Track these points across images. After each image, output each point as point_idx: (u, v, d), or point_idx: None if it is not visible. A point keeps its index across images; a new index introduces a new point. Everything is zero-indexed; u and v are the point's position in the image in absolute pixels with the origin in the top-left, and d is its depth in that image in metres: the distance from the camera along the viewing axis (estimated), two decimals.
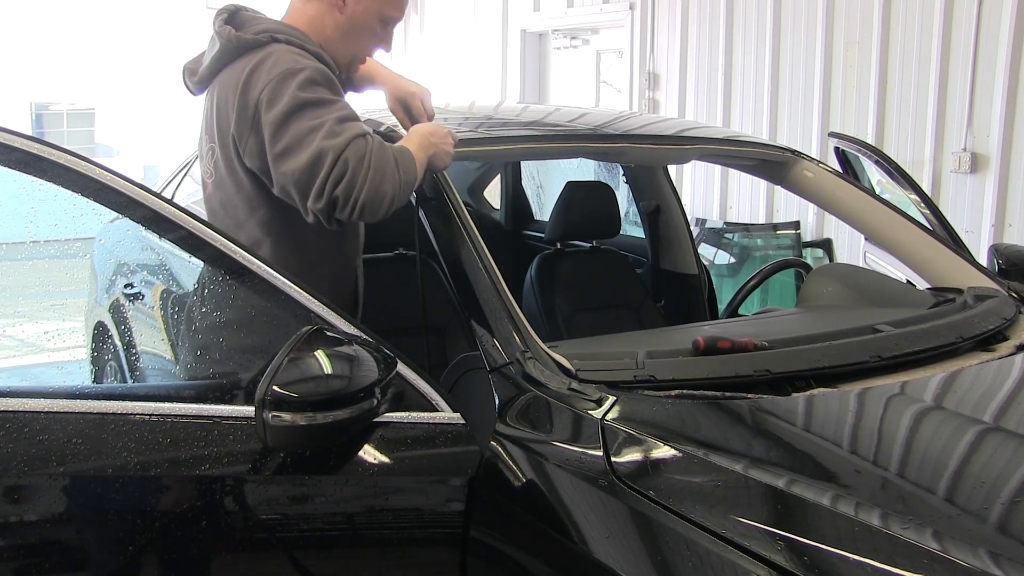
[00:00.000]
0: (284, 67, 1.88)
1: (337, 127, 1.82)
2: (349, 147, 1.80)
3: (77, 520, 1.59)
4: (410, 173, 1.90)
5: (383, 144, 1.88)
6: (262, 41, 1.95)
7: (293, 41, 1.97)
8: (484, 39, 8.24)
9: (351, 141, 1.81)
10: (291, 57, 1.91)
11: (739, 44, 5.93)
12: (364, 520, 1.66)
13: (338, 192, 1.80)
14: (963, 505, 1.42)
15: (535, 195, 4.83)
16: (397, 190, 1.85)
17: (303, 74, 1.87)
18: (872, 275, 2.68)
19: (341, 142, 1.80)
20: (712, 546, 1.30)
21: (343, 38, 2.07)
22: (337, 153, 1.79)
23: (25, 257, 2.32)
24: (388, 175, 1.83)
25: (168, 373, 2.59)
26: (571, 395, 1.69)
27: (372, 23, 2.08)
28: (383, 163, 1.83)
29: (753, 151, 2.76)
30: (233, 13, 2.04)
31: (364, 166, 1.80)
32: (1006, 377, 1.94)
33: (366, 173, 1.80)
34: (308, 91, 1.86)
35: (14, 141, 1.57)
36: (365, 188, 1.80)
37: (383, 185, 1.82)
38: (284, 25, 2.03)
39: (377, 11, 2.07)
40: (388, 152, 1.86)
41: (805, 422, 1.71)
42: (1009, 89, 4.51)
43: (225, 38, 1.96)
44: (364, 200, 1.80)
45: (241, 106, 1.89)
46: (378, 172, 1.82)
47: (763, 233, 5.73)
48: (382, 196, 1.82)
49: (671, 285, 3.51)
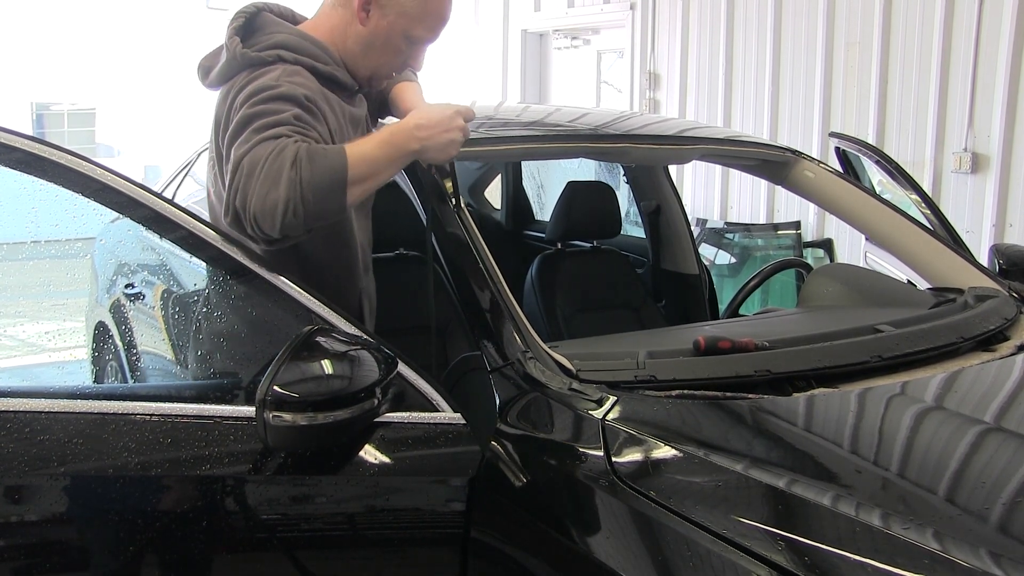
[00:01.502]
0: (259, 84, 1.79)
1: (254, 135, 1.69)
2: (249, 153, 1.66)
3: (78, 520, 1.59)
4: (326, 171, 1.67)
5: (291, 145, 1.67)
6: (267, 61, 1.85)
7: (303, 61, 1.87)
8: (485, 39, 8.24)
9: (255, 146, 1.67)
10: (276, 75, 1.81)
11: (740, 44, 5.93)
12: (365, 520, 1.66)
13: (236, 204, 1.66)
14: (964, 505, 1.42)
15: (536, 195, 4.83)
16: (293, 194, 1.63)
17: (268, 92, 1.76)
18: (873, 275, 2.68)
19: (245, 149, 1.67)
20: (713, 546, 1.30)
21: (363, 52, 1.96)
22: (237, 162, 1.67)
23: (26, 257, 2.33)
24: (282, 176, 1.63)
25: (169, 373, 2.59)
26: (572, 395, 1.69)
27: (396, 40, 1.95)
28: (278, 166, 1.64)
29: (754, 151, 2.76)
30: (252, 16, 1.94)
31: (256, 172, 1.64)
32: (1007, 377, 1.94)
33: (256, 179, 1.64)
34: (258, 105, 1.74)
35: (15, 141, 1.58)
36: (255, 196, 1.64)
37: (275, 189, 1.63)
38: (300, 38, 1.92)
39: (403, 29, 1.94)
40: (289, 152, 1.65)
41: (806, 422, 1.71)
42: (1010, 89, 4.51)
43: (231, 53, 1.87)
44: (255, 209, 1.64)
45: (226, 124, 1.82)
46: (269, 177, 1.63)
47: (764, 233, 5.73)
48: (273, 203, 1.63)
49: (672, 285, 3.51)
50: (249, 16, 1.94)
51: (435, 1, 1.96)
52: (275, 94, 1.77)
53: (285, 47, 1.88)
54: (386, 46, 1.96)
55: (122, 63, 12.73)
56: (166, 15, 12.15)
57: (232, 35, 1.89)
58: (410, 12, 1.93)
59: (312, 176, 1.65)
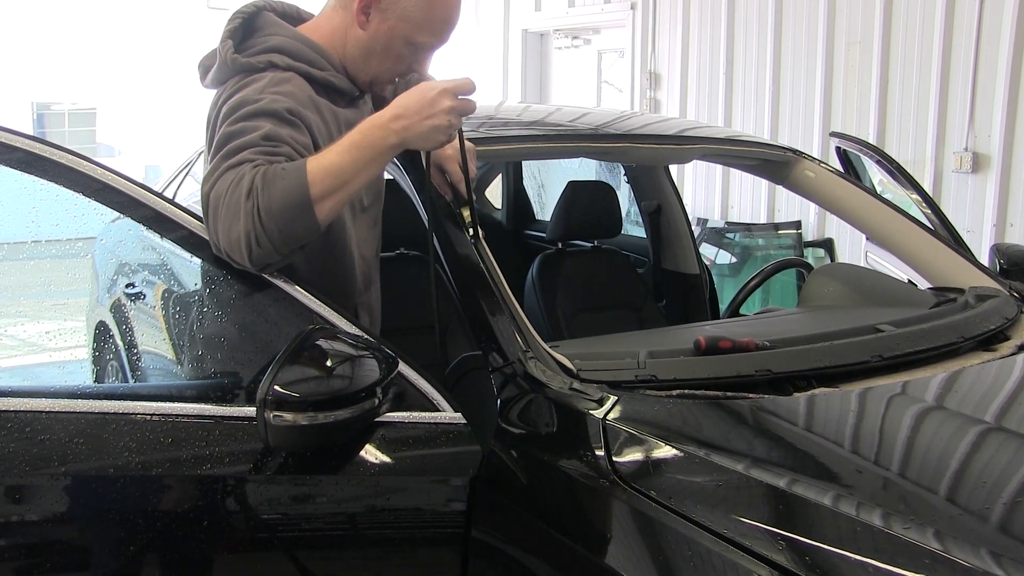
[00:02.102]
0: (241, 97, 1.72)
1: (220, 164, 1.63)
2: (213, 190, 1.62)
3: (78, 520, 1.59)
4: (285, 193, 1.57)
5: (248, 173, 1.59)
6: (258, 67, 1.79)
7: (296, 67, 1.80)
8: (485, 39, 8.24)
9: (217, 181, 1.61)
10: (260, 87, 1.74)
11: (740, 44, 5.93)
12: (365, 520, 1.66)
13: (212, 241, 1.64)
14: (965, 505, 1.42)
15: (536, 195, 4.83)
16: (252, 225, 1.57)
17: (248, 107, 1.69)
18: (873, 275, 2.67)
19: (208, 187, 1.62)
20: (713, 546, 1.30)
21: (363, 57, 1.88)
22: (204, 201, 1.63)
23: (26, 257, 2.33)
24: (241, 208, 1.57)
25: (169, 373, 2.59)
26: (572, 395, 1.69)
27: (397, 46, 1.87)
28: (236, 199, 1.58)
29: (754, 151, 2.76)
30: (251, 16, 1.87)
31: (220, 208, 1.60)
32: (1007, 377, 1.94)
33: (220, 216, 1.60)
34: (235, 124, 1.67)
35: (16, 141, 1.58)
36: (220, 234, 1.61)
37: (234, 225, 1.58)
38: (298, 41, 1.85)
39: (404, 35, 1.85)
40: (245, 182, 1.58)
41: (806, 422, 1.71)
42: (1011, 89, 4.51)
43: (222, 58, 1.81)
44: (224, 246, 1.61)
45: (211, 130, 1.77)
46: (229, 211, 1.58)
47: (764, 233, 5.73)
48: (236, 238, 1.58)
49: (672, 285, 3.51)
50: (248, 16, 1.88)
51: (440, 4, 1.88)
52: (253, 110, 1.70)
53: (279, 51, 1.82)
54: (387, 52, 1.88)
55: (122, 63, 12.73)
56: (166, 15, 12.15)
57: (225, 38, 1.83)
58: (413, 16, 1.84)
59: (270, 202, 1.57)
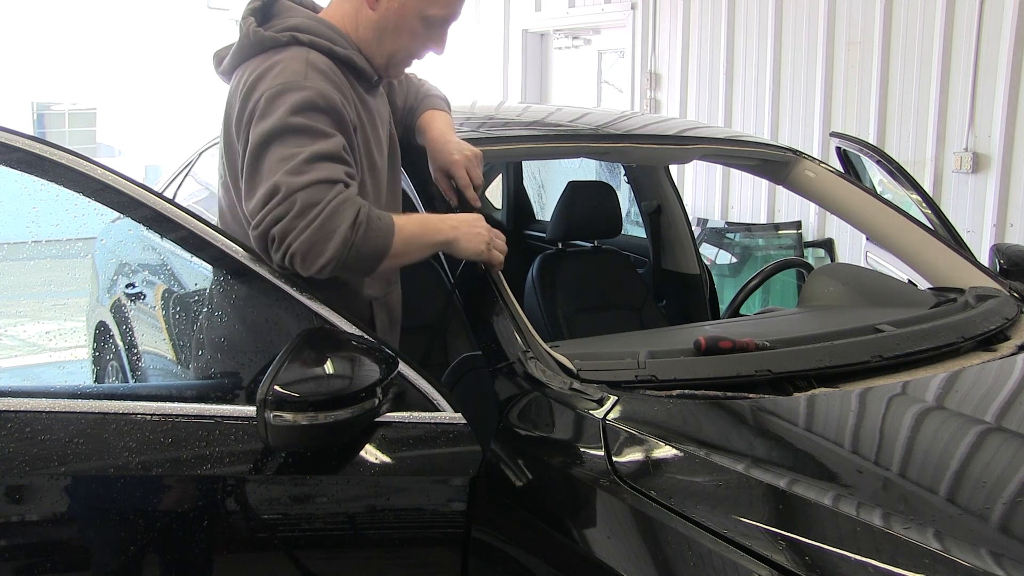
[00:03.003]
0: (286, 79, 1.74)
1: (305, 165, 1.66)
2: (305, 189, 1.64)
3: (79, 520, 1.59)
4: (376, 244, 1.70)
5: (352, 200, 1.68)
6: (281, 41, 1.80)
7: (318, 44, 1.82)
8: (486, 39, 8.24)
9: (311, 184, 1.65)
10: (301, 68, 1.75)
11: (740, 44, 5.93)
12: (365, 520, 1.66)
13: (275, 231, 1.65)
14: (965, 505, 1.42)
15: (536, 195, 4.83)
16: (341, 254, 1.65)
17: (302, 94, 1.72)
18: (874, 275, 2.67)
19: (300, 182, 1.65)
20: (713, 546, 1.30)
21: (376, 38, 1.90)
22: (289, 191, 1.64)
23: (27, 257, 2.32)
24: (337, 234, 1.64)
25: (169, 373, 2.60)
26: (572, 395, 1.69)
27: (411, 22, 1.89)
28: (336, 219, 1.64)
29: (754, 151, 2.76)
30: (269, 3, 1.89)
31: (311, 214, 1.64)
32: (1007, 377, 1.94)
33: (310, 222, 1.64)
34: (299, 115, 1.70)
35: (16, 141, 1.57)
36: (301, 238, 1.64)
37: (325, 242, 1.64)
38: (315, 21, 1.86)
39: (417, 10, 1.87)
40: (350, 211, 1.66)
41: (807, 422, 1.71)
42: (1011, 89, 4.51)
43: (244, 32, 1.82)
44: (296, 249, 1.64)
45: (241, 110, 1.78)
46: (325, 226, 1.64)
47: (764, 233, 5.73)
48: (318, 253, 1.64)
49: (672, 285, 3.51)
50: (266, 2, 1.90)
51: None
52: (310, 101, 1.72)
53: (299, 29, 1.83)
54: (399, 29, 1.89)
55: (122, 63, 12.74)
56: (166, 15, 12.17)
57: (247, 15, 1.85)
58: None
59: (364, 244, 1.68)
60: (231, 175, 1.86)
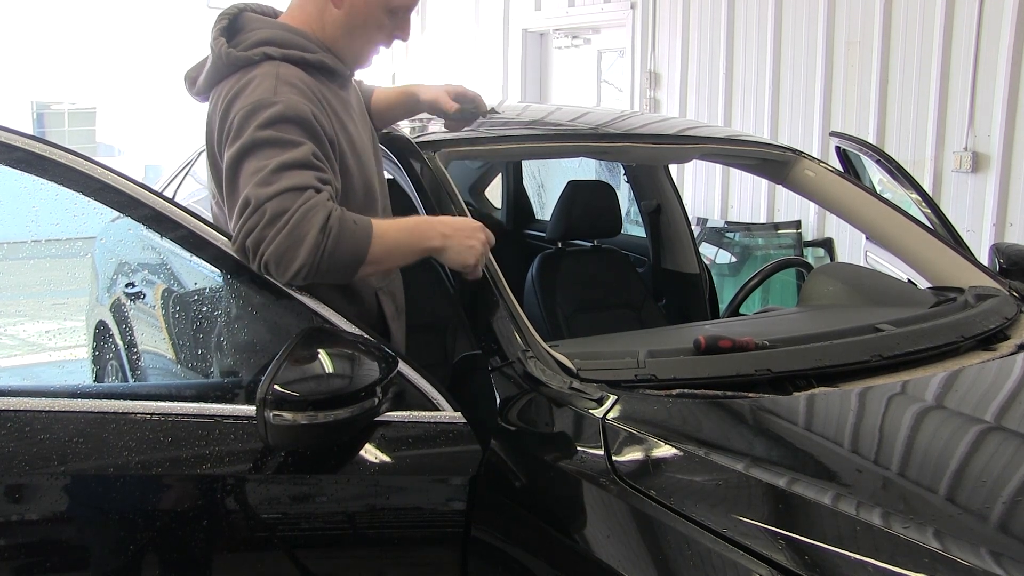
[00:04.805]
0: (257, 97, 1.76)
1: (272, 176, 1.67)
2: (274, 199, 1.65)
3: (78, 519, 1.59)
4: (350, 248, 1.69)
5: (321, 205, 1.67)
6: (254, 60, 1.83)
7: (290, 56, 1.85)
8: (485, 39, 8.24)
9: (280, 193, 1.66)
10: (271, 84, 1.78)
11: (740, 43, 5.92)
12: (365, 519, 1.66)
13: (248, 243, 1.66)
14: (964, 504, 1.42)
15: (536, 194, 4.83)
16: (314, 258, 1.65)
17: (271, 109, 1.73)
18: (873, 274, 2.68)
19: (269, 192, 1.66)
20: (713, 545, 1.30)
21: (345, 35, 1.93)
22: (259, 203, 1.65)
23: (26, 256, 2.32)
24: (308, 239, 1.64)
25: (169, 372, 2.59)
26: (572, 394, 1.69)
27: (377, 15, 1.93)
28: (305, 225, 1.64)
29: (754, 150, 2.76)
30: (235, 17, 1.93)
31: (280, 222, 1.64)
32: (1007, 376, 1.94)
33: (279, 230, 1.64)
34: (268, 129, 1.72)
35: (15, 140, 1.58)
36: (272, 246, 1.64)
37: (295, 248, 1.64)
38: (283, 31, 1.89)
39: (381, 2, 1.91)
40: (319, 216, 1.66)
41: (806, 421, 1.71)
42: (1010, 88, 4.51)
43: (216, 54, 1.86)
44: (268, 257, 1.64)
45: (220, 130, 1.80)
46: (293, 233, 1.64)
47: (764, 232, 5.72)
48: (291, 260, 1.64)
49: (672, 284, 3.51)
50: (232, 17, 1.93)
51: None
52: (278, 114, 1.74)
53: (270, 43, 1.86)
54: (367, 24, 1.93)
55: (122, 63, 12.74)
56: (166, 15, 12.16)
57: (217, 36, 1.88)
58: None
59: (336, 248, 1.67)
60: (218, 190, 1.90)
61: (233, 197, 1.73)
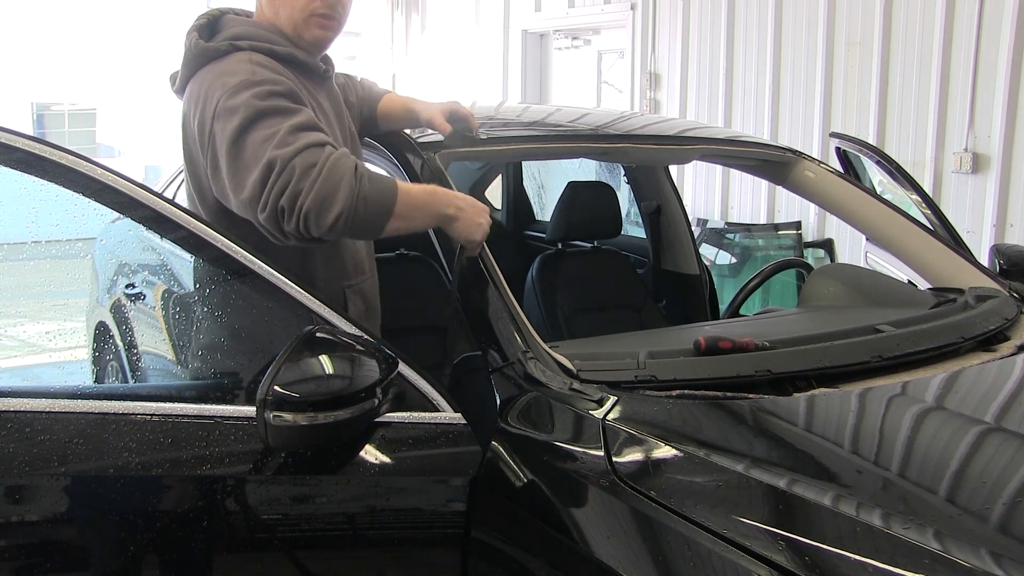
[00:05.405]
0: (238, 79, 1.79)
1: (289, 136, 1.71)
2: (299, 155, 1.68)
3: (78, 520, 1.59)
4: (378, 196, 1.73)
5: (347, 154, 1.73)
6: (222, 51, 1.87)
7: (258, 47, 1.89)
8: (485, 40, 8.24)
9: (303, 149, 1.69)
10: (248, 67, 1.82)
11: (740, 44, 5.93)
12: (365, 520, 1.66)
13: (283, 202, 1.68)
14: (964, 505, 1.42)
15: (536, 195, 4.83)
16: (351, 204, 1.68)
17: (258, 87, 1.78)
18: (873, 275, 2.68)
19: (291, 151, 1.69)
20: (713, 546, 1.30)
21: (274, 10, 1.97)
22: (285, 161, 1.68)
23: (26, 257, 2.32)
24: (344, 184, 1.68)
25: (169, 373, 2.60)
26: (572, 395, 1.69)
27: None
28: (338, 171, 1.69)
29: (754, 151, 2.76)
30: (216, 19, 1.98)
31: (313, 174, 1.68)
32: (1007, 377, 1.94)
33: (314, 180, 1.67)
34: (264, 101, 1.76)
35: (15, 141, 1.57)
36: (311, 196, 1.66)
37: (333, 194, 1.67)
38: (253, 27, 1.95)
39: None
40: (349, 162, 1.71)
41: (806, 422, 1.71)
42: (1011, 89, 4.51)
43: (187, 48, 1.90)
44: (308, 208, 1.66)
45: (201, 121, 1.82)
46: (329, 179, 1.68)
47: (764, 233, 5.72)
48: (330, 205, 1.67)
49: (672, 285, 3.51)
50: (212, 18, 1.98)
51: None
52: (270, 90, 1.78)
53: (239, 37, 1.91)
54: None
55: (123, 63, 12.74)
56: (166, 15, 12.15)
57: (191, 32, 1.93)
58: None
59: (370, 193, 1.71)
60: (195, 189, 1.93)
61: (241, 172, 1.74)
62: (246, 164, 1.73)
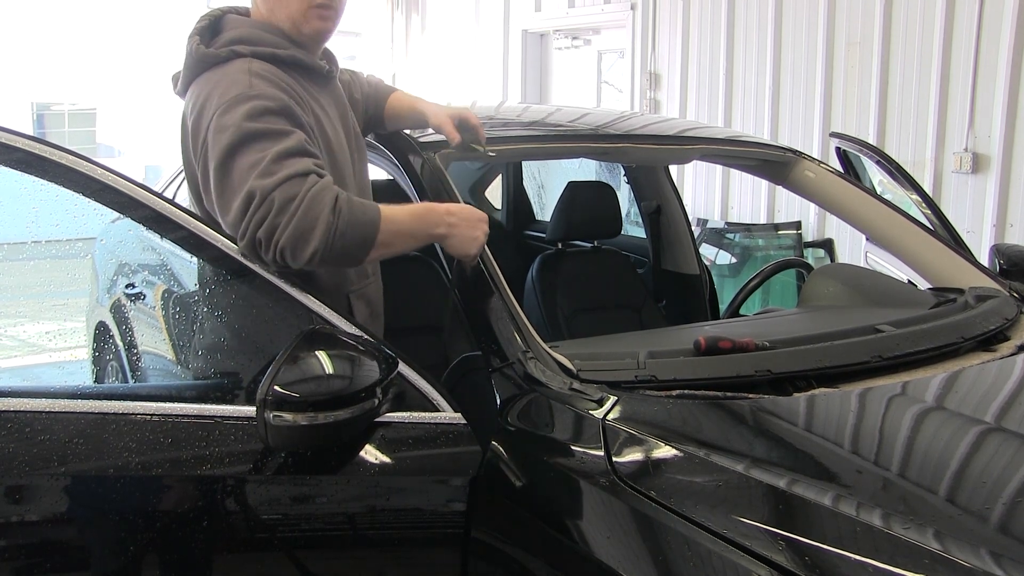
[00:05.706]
0: (233, 93, 1.77)
1: (273, 165, 1.68)
2: (280, 187, 1.66)
3: (78, 520, 1.59)
4: (357, 230, 1.71)
5: (328, 187, 1.70)
6: (222, 57, 1.85)
7: (260, 52, 1.87)
8: (485, 40, 8.24)
9: (284, 181, 1.67)
10: (245, 80, 1.80)
11: (740, 44, 5.93)
12: (365, 520, 1.66)
13: (260, 234, 1.66)
14: (964, 505, 1.42)
15: (536, 195, 4.83)
16: (327, 241, 1.66)
17: (252, 103, 1.75)
18: (873, 275, 2.67)
19: (272, 182, 1.67)
20: (713, 546, 1.30)
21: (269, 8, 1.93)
22: (265, 193, 1.66)
23: (27, 257, 2.33)
24: (320, 221, 1.66)
25: (169, 373, 2.59)
26: (572, 395, 1.69)
27: None
28: (316, 207, 1.66)
29: (754, 151, 2.76)
30: (217, 19, 1.95)
31: (291, 208, 1.65)
32: (1007, 377, 1.94)
33: (291, 216, 1.65)
34: (255, 121, 1.73)
35: (16, 141, 1.58)
36: (287, 232, 1.65)
37: (310, 231, 1.65)
38: (254, 29, 1.92)
39: None
40: (328, 197, 1.68)
41: (806, 422, 1.71)
42: (1011, 89, 4.51)
43: (188, 52, 1.88)
44: (284, 244, 1.65)
45: (195, 131, 1.81)
46: (306, 216, 1.65)
47: (764, 233, 5.72)
48: (305, 243, 1.66)
49: (672, 285, 3.51)
50: (214, 19, 1.95)
51: None
52: (264, 107, 1.76)
53: (240, 41, 1.88)
54: None
55: (123, 63, 12.74)
56: (166, 15, 12.15)
57: (193, 35, 1.91)
58: None
59: (347, 228, 1.69)
60: (192, 192, 1.91)
61: (227, 193, 1.73)
62: (232, 188, 1.72)
